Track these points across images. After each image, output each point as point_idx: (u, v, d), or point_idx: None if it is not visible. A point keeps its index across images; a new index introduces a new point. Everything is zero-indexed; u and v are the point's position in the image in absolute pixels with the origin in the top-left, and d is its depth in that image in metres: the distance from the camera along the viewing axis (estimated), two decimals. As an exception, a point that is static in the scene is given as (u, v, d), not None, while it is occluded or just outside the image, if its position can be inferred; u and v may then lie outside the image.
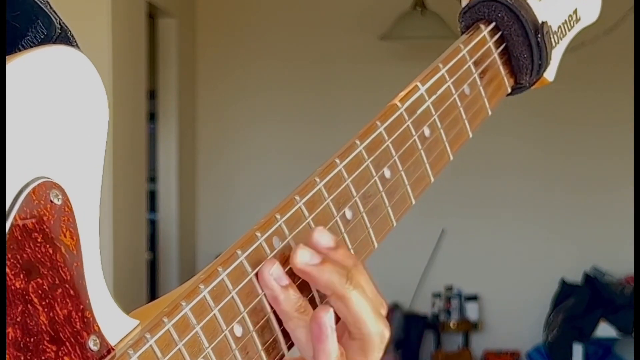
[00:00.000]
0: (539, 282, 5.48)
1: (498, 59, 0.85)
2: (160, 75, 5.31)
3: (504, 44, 0.85)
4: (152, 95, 5.19)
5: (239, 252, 0.63)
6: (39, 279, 0.54)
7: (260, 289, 0.64)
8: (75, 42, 0.66)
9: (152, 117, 5.24)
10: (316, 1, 5.62)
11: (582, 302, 5.19)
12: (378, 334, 0.66)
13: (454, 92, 0.80)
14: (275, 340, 0.65)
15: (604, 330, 5.15)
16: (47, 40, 0.65)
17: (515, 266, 5.54)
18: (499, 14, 0.84)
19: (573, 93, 5.45)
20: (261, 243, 0.65)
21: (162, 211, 5.37)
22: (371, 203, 0.72)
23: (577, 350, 5.14)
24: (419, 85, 0.77)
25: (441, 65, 0.79)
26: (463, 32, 0.85)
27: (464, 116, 0.81)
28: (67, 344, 0.55)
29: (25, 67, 0.53)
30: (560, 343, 5.17)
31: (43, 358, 0.54)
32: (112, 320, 0.58)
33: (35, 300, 0.54)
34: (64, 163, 0.56)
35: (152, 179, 5.32)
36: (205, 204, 5.69)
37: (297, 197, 0.67)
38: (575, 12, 0.91)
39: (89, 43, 4.28)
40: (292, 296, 0.64)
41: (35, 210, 0.54)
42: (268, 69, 5.61)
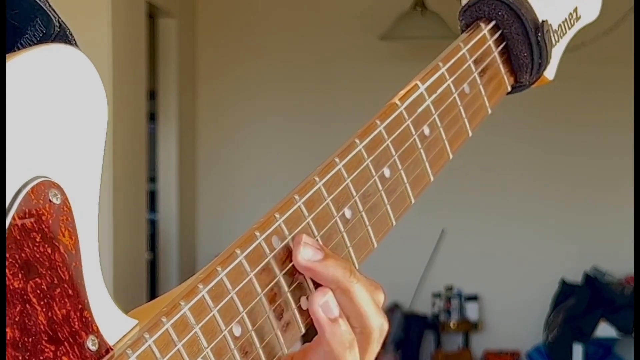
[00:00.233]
0: (539, 282, 5.48)
1: (498, 57, 0.85)
2: (160, 75, 5.31)
3: (504, 43, 0.85)
4: (152, 95, 5.19)
5: (238, 251, 0.63)
6: (37, 279, 0.54)
7: (259, 288, 0.64)
8: (74, 40, 0.66)
9: (152, 117, 5.24)
10: (316, 1, 5.62)
11: (582, 302, 5.19)
12: (379, 327, 0.66)
13: (453, 90, 0.79)
14: (274, 340, 0.64)
15: (604, 330, 5.15)
16: (46, 38, 0.65)
17: (515, 266, 5.54)
18: (499, 13, 0.84)
19: (573, 93, 5.45)
20: (260, 242, 0.64)
21: (162, 211, 5.36)
22: (370, 202, 0.72)
23: (577, 350, 5.14)
24: (419, 84, 0.77)
25: (441, 64, 0.79)
26: (463, 31, 0.84)
27: (464, 115, 0.80)
28: (66, 343, 0.55)
29: (24, 66, 0.53)
30: (560, 343, 5.16)
31: (41, 358, 0.54)
32: (111, 320, 0.58)
33: (34, 299, 0.53)
34: (63, 162, 0.56)
35: (152, 179, 5.31)
36: (205, 204, 5.69)
37: (297, 197, 0.67)
38: (576, 10, 0.91)
39: (89, 43, 4.30)
40: (343, 328, 0.64)
41: (34, 210, 0.54)
42: (268, 68, 5.60)
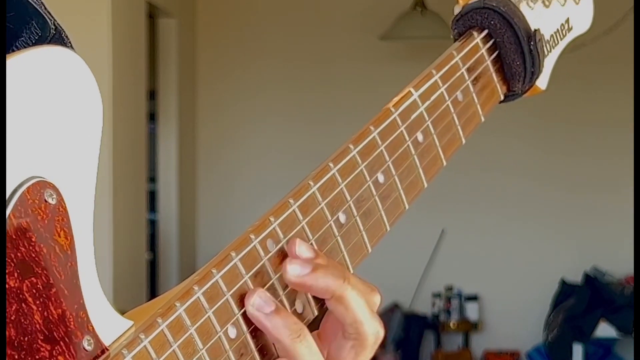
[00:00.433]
0: (539, 282, 5.48)
1: (491, 66, 0.85)
2: (160, 75, 5.31)
3: (497, 52, 0.85)
4: (152, 95, 5.19)
5: (233, 254, 0.64)
6: (33, 278, 0.54)
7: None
8: (69, 42, 0.66)
9: (152, 117, 5.24)
10: (316, 1, 5.62)
11: (582, 302, 5.19)
12: (374, 333, 0.66)
13: (447, 98, 0.80)
14: (269, 342, 0.65)
15: (604, 330, 5.15)
16: (42, 41, 0.65)
17: (515, 266, 5.54)
18: (492, 22, 0.84)
19: (573, 93, 5.45)
20: (255, 245, 0.65)
21: (162, 211, 5.37)
22: (365, 207, 0.72)
23: (577, 350, 5.14)
24: (412, 91, 0.77)
25: (434, 72, 0.79)
26: (456, 40, 0.85)
27: (457, 122, 0.81)
28: (61, 343, 0.55)
29: (19, 68, 0.54)
30: (560, 343, 5.16)
31: (37, 357, 0.54)
32: (107, 320, 0.59)
33: (30, 299, 0.54)
34: (59, 163, 0.56)
35: (152, 179, 5.32)
36: (205, 204, 5.69)
37: (291, 200, 0.68)
38: (568, 21, 0.91)
39: (89, 43, 4.31)
40: (283, 319, 0.63)
41: (29, 210, 0.54)
42: (268, 69, 5.61)
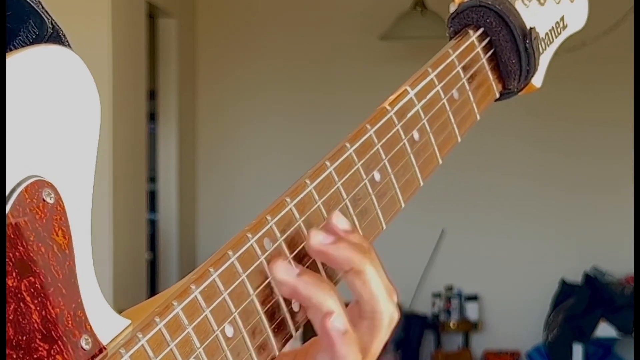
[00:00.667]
0: (539, 282, 5.48)
1: (486, 64, 0.85)
2: (160, 75, 5.31)
3: (493, 50, 0.86)
4: (152, 95, 5.19)
5: (230, 253, 0.64)
6: (31, 278, 0.54)
7: (251, 290, 0.64)
8: (67, 41, 0.66)
9: (152, 117, 5.24)
10: (316, 1, 5.62)
11: (582, 302, 5.19)
12: (389, 314, 0.66)
13: (442, 96, 0.80)
14: (266, 341, 0.65)
15: (604, 330, 5.15)
16: (39, 40, 0.65)
17: (515, 266, 5.54)
18: (488, 20, 0.84)
19: (573, 93, 5.45)
20: (252, 244, 0.65)
21: (162, 211, 5.37)
22: (361, 206, 0.72)
23: (577, 350, 5.14)
24: (408, 89, 0.77)
25: (430, 70, 0.80)
26: (452, 38, 0.85)
27: (453, 120, 0.81)
28: (59, 342, 0.55)
29: (17, 67, 0.54)
30: (560, 343, 5.16)
31: (35, 356, 0.54)
32: (104, 320, 0.59)
33: (28, 298, 0.54)
34: (57, 162, 0.56)
35: (152, 179, 5.32)
36: (205, 204, 5.69)
37: (288, 199, 0.68)
38: (563, 19, 0.91)
39: (89, 43, 4.31)
40: (309, 279, 0.64)
41: (27, 209, 0.54)
42: (268, 68, 5.61)
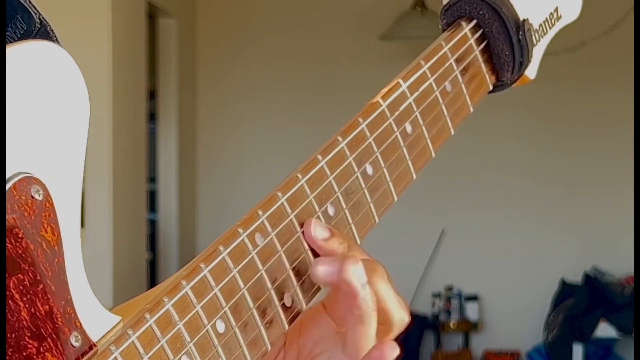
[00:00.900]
0: (539, 282, 5.48)
1: (479, 56, 0.85)
2: (160, 75, 5.31)
3: (485, 42, 0.85)
4: (152, 95, 5.19)
5: (221, 248, 0.63)
6: (20, 275, 0.54)
7: (243, 285, 0.64)
8: (55, 36, 0.66)
9: (152, 117, 5.24)
10: (316, 1, 5.62)
11: (582, 302, 5.19)
12: (401, 320, 0.68)
13: (435, 89, 0.80)
14: (258, 336, 0.65)
15: (604, 330, 5.15)
16: (27, 35, 0.65)
17: (515, 266, 5.54)
18: (481, 12, 0.84)
19: (573, 93, 5.45)
20: (243, 239, 0.65)
21: (162, 211, 5.37)
22: (353, 200, 0.72)
23: (577, 350, 5.13)
24: (401, 82, 0.77)
25: (423, 62, 0.79)
26: (444, 30, 0.85)
27: (446, 113, 0.81)
28: (49, 340, 0.55)
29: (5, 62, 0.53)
30: (560, 343, 5.16)
31: (24, 354, 0.54)
32: (94, 317, 0.58)
33: (16, 295, 0.54)
34: (45, 158, 0.56)
35: (152, 179, 5.32)
36: (205, 204, 5.69)
37: (279, 194, 0.67)
38: (556, 10, 0.91)
39: (89, 43, 4.31)
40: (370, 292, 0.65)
41: (16, 206, 0.54)
42: (268, 69, 5.60)
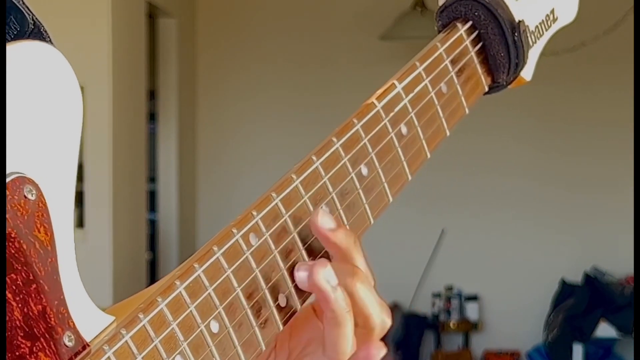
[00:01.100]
0: (539, 282, 5.48)
1: (475, 57, 0.85)
2: (160, 75, 5.31)
3: (481, 43, 0.85)
4: (152, 95, 5.19)
5: (215, 248, 0.63)
6: (12, 275, 0.54)
7: (237, 285, 0.64)
8: (48, 37, 0.66)
9: (152, 117, 5.24)
10: (316, 2, 5.62)
11: (582, 302, 5.19)
12: (381, 324, 0.67)
13: (430, 90, 0.80)
14: (252, 336, 0.64)
15: (604, 330, 5.15)
16: (20, 36, 0.65)
17: (515, 266, 5.54)
18: (476, 13, 0.84)
19: (573, 93, 5.45)
20: (238, 240, 0.65)
21: (162, 211, 5.37)
22: (348, 200, 0.72)
23: (577, 350, 5.13)
24: (396, 83, 0.77)
25: (418, 64, 0.80)
26: (440, 31, 0.85)
27: (441, 114, 0.81)
28: (42, 339, 0.55)
29: (-2, 64, 0.53)
30: (560, 343, 5.16)
31: (17, 354, 0.54)
32: (88, 316, 0.58)
33: (9, 295, 0.54)
34: (38, 158, 0.56)
35: (152, 179, 5.32)
36: (205, 204, 5.69)
37: (274, 194, 0.68)
38: (553, 12, 0.91)
39: (89, 43, 4.31)
40: (342, 294, 0.64)
41: (8, 206, 0.54)
42: (268, 69, 5.60)
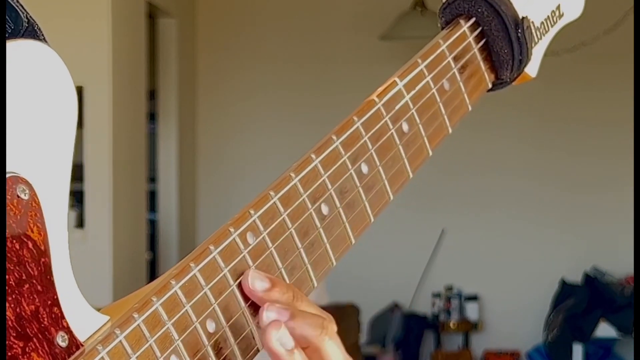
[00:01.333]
0: (539, 282, 5.47)
1: (478, 54, 0.84)
2: (160, 75, 5.31)
3: (484, 39, 0.85)
4: (152, 95, 5.19)
5: (212, 247, 0.63)
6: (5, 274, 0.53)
7: (233, 283, 0.63)
8: (42, 36, 0.66)
9: (152, 117, 5.24)
10: (316, 2, 5.62)
11: (582, 302, 5.19)
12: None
13: (432, 87, 0.79)
14: (249, 335, 0.64)
15: (604, 330, 5.15)
16: (15, 34, 0.65)
17: (515, 266, 5.53)
18: (479, 9, 0.83)
19: (573, 93, 5.45)
20: (235, 238, 0.64)
21: (162, 211, 5.36)
22: (348, 198, 0.71)
23: (577, 350, 5.13)
24: (397, 80, 0.77)
25: (420, 61, 0.79)
26: (443, 28, 0.84)
27: (444, 111, 0.80)
28: (35, 339, 0.55)
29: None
30: (560, 343, 5.16)
31: (10, 354, 0.53)
32: (82, 316, 0.58)
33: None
34: (32, 158, 0.55)
35: (152, 179, 5.32)
36: (205, 204, 5.69)
37: (272, 193, 0.67)
38: (559, 8, 0.90)
39: (89, 43, 4.30)
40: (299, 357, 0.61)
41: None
42: (268, 69, 5.60)
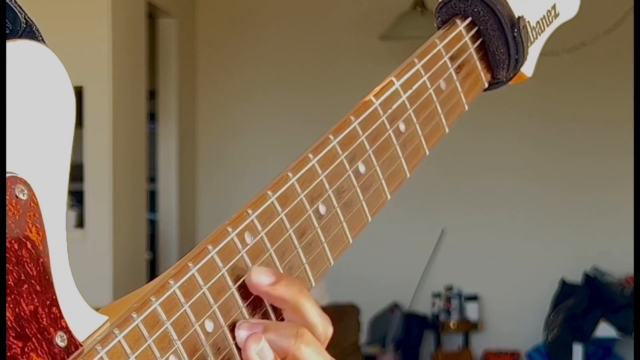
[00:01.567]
0: (539, 282, 5.47)
1: (474, 54, 0.85)
2: (160, 75, 5.31)
3: (481, 39, 0.85)
4: (152, 95, 5.19)
5: (210, 247, 0.63)
6: (3, 274, 0.53)
7: (232, 284, 0.63)
8: (40, 36, 0.66)
9: (152, 117, 5.24)
10: (316, 2, 5.62)
11: (582, 302, 5.19)
12: (325, 333, 0.64)
13: (429, 87, 0.79)
14: None
15: (604, 330, 5.15)
16: (13, 35, 0.65)
17: (515, 266, 5.53)
18: (475, 9, 0.83)
19: (573, 93, 5.44)
20: (233, 238, 0.64)
21: (162, 211, 5.36)
22: (345, 198, 0.71)
23: (577, 350, 5.13)
24: (394, 80, 0.77)
25: (416, 60, 0.79)
26: (439, 28, 0.84)
27: (440, 111, 0.80)
28: (34, 340, 0.55)
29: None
30: (560, 343, 5.16)
31: (9, 354, 0.54)
32: (81, 316, 0.58)
33: (0, 295, 0.53)
34: (30, 158, 0.55)
35: (152, 179, 5.32)
36: (205, 204, 5.69)
37: (270, 192, 0.67)
38: (554, 7, 0.90)
39: (89, 43, 4.29)
40: None
41: None
42: (268, 69, 5.60)
